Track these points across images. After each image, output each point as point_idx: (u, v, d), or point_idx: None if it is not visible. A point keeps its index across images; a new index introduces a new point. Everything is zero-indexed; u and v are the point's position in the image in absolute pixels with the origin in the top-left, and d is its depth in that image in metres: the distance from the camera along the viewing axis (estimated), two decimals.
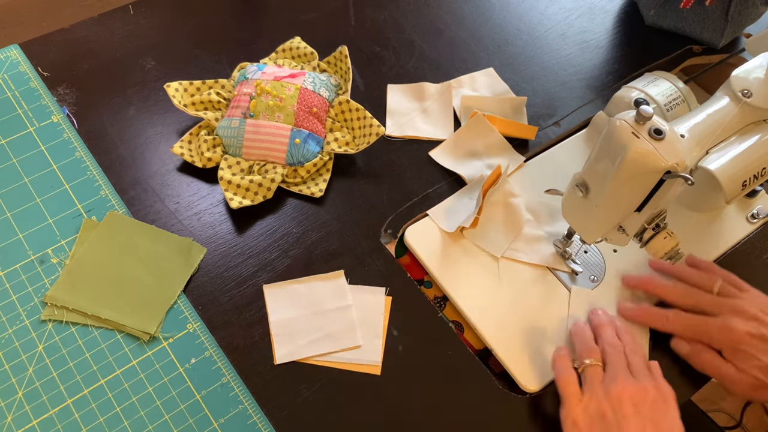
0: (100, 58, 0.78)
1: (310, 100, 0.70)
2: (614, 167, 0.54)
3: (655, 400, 0.55)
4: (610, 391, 0.55)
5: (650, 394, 0.56)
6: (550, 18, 0.89)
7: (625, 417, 0.54)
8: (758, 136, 0.63)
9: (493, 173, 0.68)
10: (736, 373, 0.59)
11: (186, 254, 0.65)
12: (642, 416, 0.54)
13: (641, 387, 0.56)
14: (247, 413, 0.58)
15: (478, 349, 0.66)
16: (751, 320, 0.59)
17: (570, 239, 0.68)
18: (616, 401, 0.55)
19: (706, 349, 0.61)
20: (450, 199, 0.71)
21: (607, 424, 0.54)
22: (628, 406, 0.54)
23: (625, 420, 0.54)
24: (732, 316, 0.60)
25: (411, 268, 0.69)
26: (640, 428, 0.54)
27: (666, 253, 0.60)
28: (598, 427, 0.54)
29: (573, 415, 0.56)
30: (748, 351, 0.58)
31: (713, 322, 0.60)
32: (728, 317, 0.60)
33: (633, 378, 0.57)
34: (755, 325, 0.59)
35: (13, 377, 0.58)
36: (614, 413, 0.54)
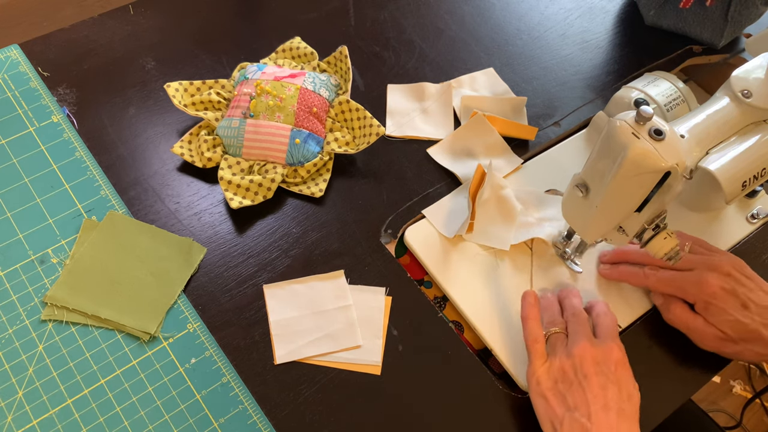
0: (100, 58, 0.78)
1: (310, 100, 0.71)
2: (614, 167, 0.54)
3: (620, 360, 0.57)
4: (572, 352, 0.57)
5: (614, 355, 0.57)
6: (550, 18, 0.89)
7: (587, 376, 0.55)
8: (758, 137, 0.63)
9: (476, 175, 0.68)
10: (704, 326, 0.61)
11: (186, 254, 0.65)
12: (604, 375, 0.55)
13: (606, 348, 0.57)
14: (247, 413, 0.58)
15: (478, 349, 0.66)
16: (724, 276, 0.61)
17: (570, 239, 0.68)
18: (578, 360, 0.56)
19: (677, 302, 0.63)
20: (446, 198, 0.71)
21: (569, 383, 0.56)
22: (590, 365, 0.56)
23: (587, 379, 0.55)
24: (706, 271, 0.62)
25: (411, 268, 0.69)
26: (602, 386, 0.55)
27: (666, 253, 0.60)
28: (560, 385, 0.56)
29: (537, 374, 0.57)
30: (719, 305, 0.60)
31: (688, 276, 0.62)
32: (702, 272, 0.62)
33: (596, 340, 0.58)
34: (728, 281, 0.61)
35: (13, 377, 0.58)
36: (575, 372, 0.56)
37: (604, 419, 0.53)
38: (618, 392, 0.55)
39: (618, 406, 0.54)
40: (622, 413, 0.54)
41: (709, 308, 0.61)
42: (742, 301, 0.60)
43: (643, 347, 0.65)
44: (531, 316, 0.61)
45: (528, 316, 0.61)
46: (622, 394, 0.55)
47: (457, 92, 0.80)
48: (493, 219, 0.70)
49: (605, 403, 0.54)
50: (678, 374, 0.64)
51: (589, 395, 0.54)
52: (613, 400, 0.54)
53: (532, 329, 0.60)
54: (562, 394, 0.56)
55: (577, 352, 0.57)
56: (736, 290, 0.61)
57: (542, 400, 0.56)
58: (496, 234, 0.69)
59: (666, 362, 0.65)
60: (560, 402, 0.55)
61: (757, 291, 0.61)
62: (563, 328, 0.60)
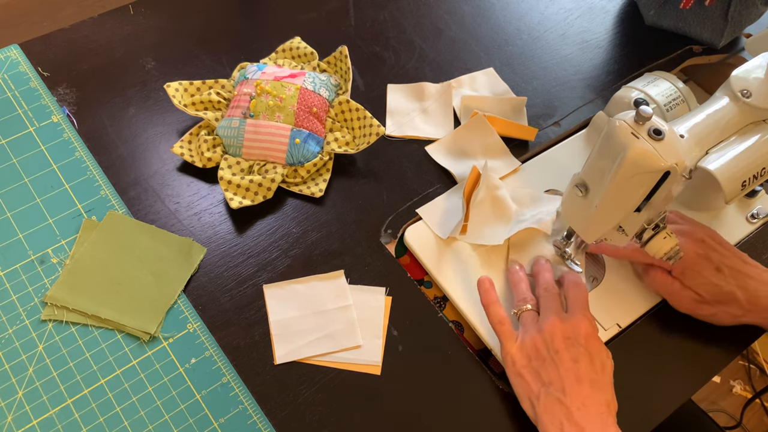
0: (100, 58, 0.78)
1: (310, 100, 0.71)
2: (614, 167, 0.54)
3: (590, 333, 0.58)
4: (542, 328, 0.59)
5: (583, 327, 0.58)
6: (550, 18, 0.89)
7: (558, 351, 0.57)
8: (758, 136, 0.63)
9: (471, 176, 0.69)
10: (680, 290, 0.64)
11: (186, 254, 0.65)
12: (575, 348, 0.57)
13: (575, 321, 0.59)
14: (247, 413, 0.58)
15: (478, 349, 0.66)
16: (698, 242, 0.64)
17: (570, 239, 0.68)
18: (548, 336, 0.58)
19: (656, 269, 0.66)
20: (441, 198, 0.71)
21: (542, 359, 0.57)
22: (560, 340, 0.57)
23: (558, 354, 0.57)
24: (681, 238, 0.64)
25: (411, 268, 0.69)
26: (573, 359, 0.56)
27: (666, 253, 0.60)
28: (534, 362, 0.58)
29: (510, 353, 0.59)
30: (694, 269, 0.63)
31: None
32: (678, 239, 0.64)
33: (565, 314, 0.59)
34: (702, 247, 0.64)
35: (13, 377, 0.58)
36: (547, 349, 0.58)
37: (577, 391, 0.55)
38: (590, 364, 0.56)
39: (590, 377, 0.56)
40: (595, 384, 0.56)
41: (685, 272, 0.63)
42: (716, 265, 0.63)
43: (643, 347, 0.65)
44: (490, 300, 0.62)
45: (488, 302, 0.62)
46: (595, 365, 0.57)
47: (457, 92, 0.80)
48: (487, 219, 0.70)
49: (577, 376, 0.56)
50: (678, 374, 0.64)
51: (561, 370, 0.56)
52: (585, 372, 0.56)
53: (495, 313, 0.61)
54: (536, 370, 0.57)
55: (547, 328, 0.58)
56: (709, 256, 0.63)
57: (518, 378, 0.58)
58: (489, 233, 0.69)
59: (666, 362, 0.65)
60: (535, 378, 0.57)
61: (730, 257, 0.64)
62: (534, 305, 0.62)
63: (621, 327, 0.66)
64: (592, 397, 0.55)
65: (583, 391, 0.55)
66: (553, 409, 0.55)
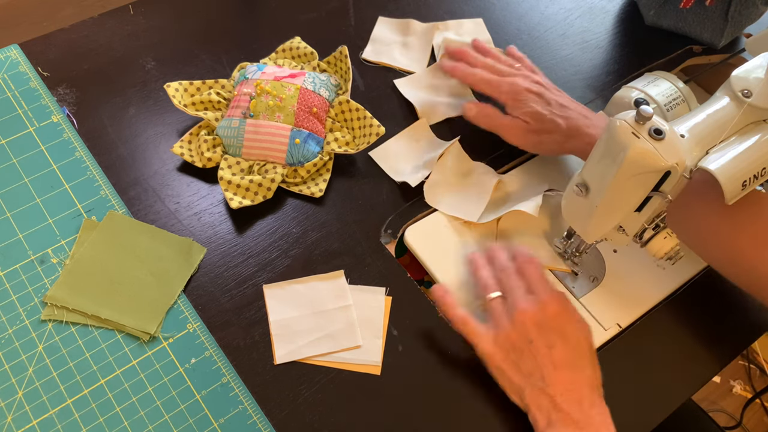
0: (100, 58, 0.78)
1: (310, 100, 0.71)
2: (614, 167, 0.54)
3: (556, 313, 0.59)
4: (514, 319, 0.59)
5: (549, 309, 0.59)
6: (550, 18, 0.89)
7: (532, 341, 0.58)
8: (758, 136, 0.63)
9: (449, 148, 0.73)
10: (510, 121, 0.71)
11: (186, 254, 0.65)
12: (546, 333, 0.58)
13: (541, 304, 0.59)
14: (247, 413, 0.58)
15: None
16: (534, 83, 0.72)
17: (570, 239, 0.68)
18: (521, 327, 0.58)
19: (488, 107, 0.73)
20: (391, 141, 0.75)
21: (519, 351, 0.58)
22: (532, 329, 0.58)
23: (532, 344, 0.57)
24: (518, 77, 0.73)
25: (411, 268, 0.69)
26: (548, 346, 0.57)
27: (666, 253, 0.60)
28: (512, 355, 0.58)
29: (486, 349, 0.59)
30: (523, 100, 0.70)
31: (504, 79, 0.73)
32: (515, 77, 0.73)
33: (531, 297, 0.60)
34: (536, 86, 0.72)
35: (13, 377, 0.58)
36: (521, 339, 0.58)
37: (557, 378, 0.56)
38: (564, 345, 0.57)
39: (567, 361, 0.57)
40: (573, 366, 0.57)
41: (516, 104, 0.70)
42: (546, 99, 0.70)
43: (643, 347, 0.65)
44: (448, 303, 0.62)
45: (446, 308, 0.62)
46: (569, 344, 0.57)
47: (441, 34, 0.84)
48: (467, 195, 0.71)
49: (554, 363, 0.56)
50: (678, 374, 0.64)
51: (538, 359, 0.57)
52: (561, 356, 0.57)
53: (456, 316, 0.61)
54: (515, 363, 0.58)
55: (518, 318, 0.59)
56: (542, 93, 0.71)
57: (500, 372, 0.59)
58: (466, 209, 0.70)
59: (666, 362, 0.65)
60: (516, 371, 0.58)
61: (560, 96, 0.71)
62: (496, 289, 0.62)
63: (621, 327, 0.66)
64: (573, 381, 0.56)
65: (563, 377, 0.56)
66: (538, 400, 0.56)
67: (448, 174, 0.72)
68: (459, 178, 0.72)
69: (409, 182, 0.70)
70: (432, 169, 0.71)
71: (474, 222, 0.69)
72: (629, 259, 0.70)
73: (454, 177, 0.72)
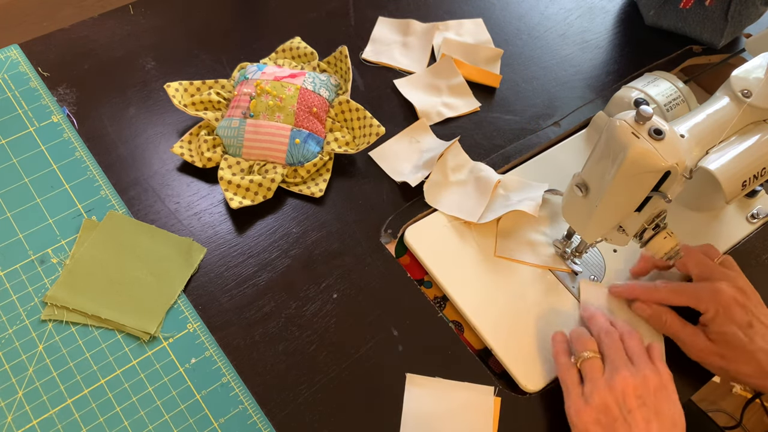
0: (100, 58, 0.78)
1: (310, 100, 0.71)
2: (614, 167, 0.54)
3: (657, 388, 0.56)
4: (614, 385, 0.56)
5: (652, 383, 0.56)
6: (550, 18, 0.89)
7: (630, 411, 0.54)
8: (758, 136, 0.63)
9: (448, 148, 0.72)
10: (692, 337, 0.62)
11: (186, 254, 0.65)
12: (647, 408, 0.55)
13: (643, 377, 0.56)
14: (247, 413, 0.58)
15: (478, 349, 0.66)
16: (738, 289, 0.62)
17: (570, 239, 0.68)
18: (620, 395, 0.55)
19: (666, 311, 0.64)
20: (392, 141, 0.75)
21: (613, 418, 0.54)
22: (632, 399, 0.55)
23: (631, 414, 0.54)
24: (722, 282, 0.62)
25: (411, 268, 0.69)
26: (645, 421, 0.54)
27: (666, 253, 0.60)
28: (603, 419, 0.55)
29: (578, 408, 0.56)
30: (727, 316, 0.60)
31: (702, 285, 0.63)
32: (717, 282, 0.62)
33: (633, 367, 0.57)
34: (741, 294, 0.61)
35: (13, 377, 0.58)
36: (619, 407, 0.55)
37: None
38: (660, 425, 0.54)
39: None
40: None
41: (717, 318, 0.60)
42: (749, 319, 0.60)
43: None
44: (560, 350, 0.60)
45: (557, 352, 0.60)
46: (665, 423, 0.55)
47: (441, 34, 0.84)
48: (467, 194, 0.71)
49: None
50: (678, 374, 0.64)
51: (634, 430, 0.54)
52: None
53: (563, 364, 0.59)
54: (606, 429, 0.54)
55: (619, 386, 0.55)
56: (747, 305, 0.61)
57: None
58: (465, 207, 0.70)
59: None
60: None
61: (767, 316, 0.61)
62: (596, 350, 0.59)
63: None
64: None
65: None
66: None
67: (448, 174, 0.72)
68: (459, 178, 0.72)
69: (409, 182, 0.70)
70: (432, 169, 0.71)
71: (474, 222, 0.69)
72: (629, 259, 0.70)
73: (454, 177, 0.72)
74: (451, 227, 0.70)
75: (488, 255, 0.68)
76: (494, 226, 0.70)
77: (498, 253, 0.68)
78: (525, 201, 0.69)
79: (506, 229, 0.70)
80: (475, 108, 0.79)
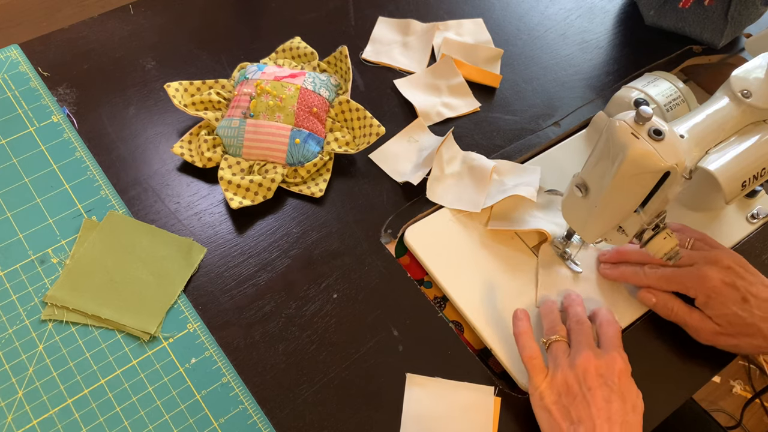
0: (100, 58, 0.78)
1: (310, 100, 0.71)
2: (614, 167, 0.54)
3: (623, 371, 0.57)
4: (575, 363, 0.57)
5: (617, 365, 0.57)
6: (550, 18, 0.89)
7: (591, 389, 0.55)
8: (758, 136, 0.63)
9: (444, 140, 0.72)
10: (700, 321, 0.62)
11: (186, 254, 0.65)
12: (608, 387, 0.55)
13: (609, 358, 0.57)
14: (247, 413, 0.58)
15: (478, 349, 0.66)
16: (725, 269, 0.62)
17: (570, 239, 0.68)
18: (581, 372, 0.56)
19: (672, 298, 0.64)
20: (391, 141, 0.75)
21: (573, 395, 0.55)
22: (593, 377, 0.55)
23: (591, 392, 0.55)
24: (706, 266, 0.62)
25: (411, 268, 0.69)
26: (606, 399, 0.54)
27: (666, 253, 0.60)
28: (564, 399, 0.56)
29: (540, 388, 0.57)
30: (719, 299, 0.61)
31: (688, 272, 0.63)
32: (703, 266, 0.62)
33: (599, 350, 0.58)
34: (728, 274, 0.61)
35: (13, 377, 0.58)
36: (579, 385, 0.55)
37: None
38: (622, 404, 0.55)
39: (622, 418, 0.54)
40: (626, 425, 0.54)
41: (710, 302, 0.61)
42: (742, 294, 0.61)
43: (643, 347, 0.65)
44: (522, 330, 0.60)
45: (519, 332, 0.60)
46: (627, 405, 0.55)
47: (441, 34, 0.84)
48: (465, 187, 0.71)
49: (609, 416, 0.54)
50: (678, 374, 0.64)
51: (593, 409, 0.54)
52: (617, 413, 0.54)
53: (527, 345, 0.59)
54: (566, 407, 0.55)
55: (581, 364, 0.56)
56: (736, 283, 0.61)
57: (546, 413, 0.56)
58: (468, 197, 0.70)
59: (667, 362, 0.65)
60: (564, 416, 0.55)
61: (757, 284, 0.61)
62: (564, 336, 0.60)
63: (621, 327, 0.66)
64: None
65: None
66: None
67: (444, 167, 0.72)
68: (453, 169, 0.72)
69: (411, 181, 0.70)
70: (431, 166, 0.71)
71: (473, 221, 0.69)
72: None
73: (449, 169, 0.72)
74: (451, 227, 0.70)
75: (488, 255, 0.68)
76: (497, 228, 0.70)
77: (490, 227, 0.69)
78: (521, 186, 0.69)
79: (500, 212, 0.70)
80: (475, 108, 0.79)
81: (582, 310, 0.62)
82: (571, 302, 0.63)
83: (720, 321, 0.61)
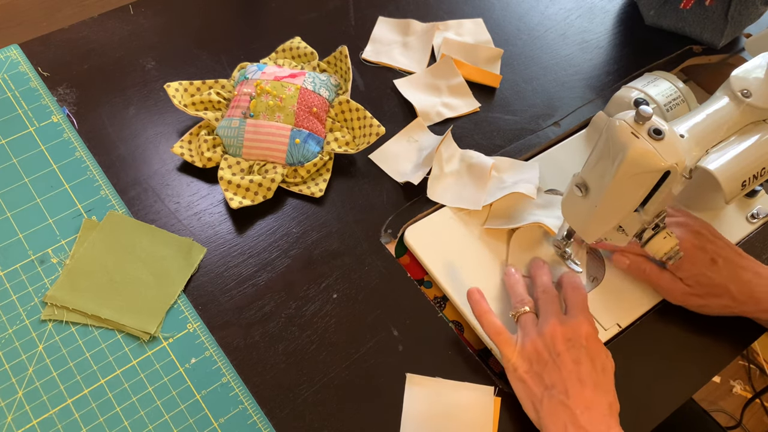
0: (100, 58, 0.78)
1: (310, 100, 0.71)
2: (614, 167, 0.54)
3: (590, 334, 0.58)
4: (543, 331, 0.58)
5: (584, 329, 0.58)
6: (550, 18, 0.89)
7: (559, 354, 0.56)
8: (758, 136, 0.63)
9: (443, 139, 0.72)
10: (670, 282, 0.65)
11: (186, 254, 0.65)
12: (576, 350, 0.57)
13: (575, 323, 0.58)
14: (247, 413, 0.58)
15: (478, 349, 0.66)
16: (694, 233, 0.64)
17: (570, 239, 0.68)
18: (549, 339, 0.57)
19: (644, 261, 0.66)
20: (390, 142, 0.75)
21: (544, 362, 0.57)
22: (561, 342, 0.57)
23: (559, 357, 0.56)
24: (677, 230, 0.65)
25: (411, 268, 0.69)
26: (575, 361, 0.56)
27: (665, 253, 0.60)
28: (536, 366, 0.57)
29: (512, 360, 0.58)
30: (689, 261, 0.63)
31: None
32: (673, 230, 0.64)
33: (564, 316, 0.59)
34: (698, 238, 0.64)
35: (13, 377, 0.58)
36: (549, 351, 0.57)
37: (580, 393, 0.55)
38: (591, 365, 0.56)
39: (593, 379, 0.56)
40: (598, 385, 0.56)
41: (680, 264, 0.63)
42: (711, 256, 0.63)
43: (643, 347, 0.65)
44: (482, 311, 0.61)
45: (480, 313, 0.61)
46: (596, 366, 0.56)
47: (441, 34, 0.84)
48: (465, 185, 0.71)
49: (580, 378, 0.55)
50: (678, 374, 0.64)
51: (563, 372, 0.56)
52: (587, 373, 0.56)
53: (490, 323, 0.61)
54: (538, 374, 0.57)
55: (548, 331, 0.58)
56: (705, 247, 0.64)
57: (521, 383, 0.58)
58: (468, 195, 0.70)
59: (666, 362, 0.65)
60: (538, 382, 0.57)
61: (725, 248, 0.64)
62: (532, 307, 0.61)
63: (621, 327, 0.66)
64: (595, 400, 0.55)
65: (586, 394, 0.55)
66: (556, 412, 0.55)
67: (443, 166, 0.72)
68: (453, 168, 0.73)
69: (411, 181, 0.70)
70: (431, 166, 0.71)
71: (473, 221, 0.69)
72: None
73: (448, 168, 0.72)
74: (451, 227, 0.70)
75: (488, 255, 0.68)
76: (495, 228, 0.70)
77: (486, 227, 0.69)
78: (520, 183, 0.69)
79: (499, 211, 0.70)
80: (475, 108, 0.79)
81: (548, 278, 0.64)
82: (537, 270, 0.64)
83: (690, 282, 0.64)
